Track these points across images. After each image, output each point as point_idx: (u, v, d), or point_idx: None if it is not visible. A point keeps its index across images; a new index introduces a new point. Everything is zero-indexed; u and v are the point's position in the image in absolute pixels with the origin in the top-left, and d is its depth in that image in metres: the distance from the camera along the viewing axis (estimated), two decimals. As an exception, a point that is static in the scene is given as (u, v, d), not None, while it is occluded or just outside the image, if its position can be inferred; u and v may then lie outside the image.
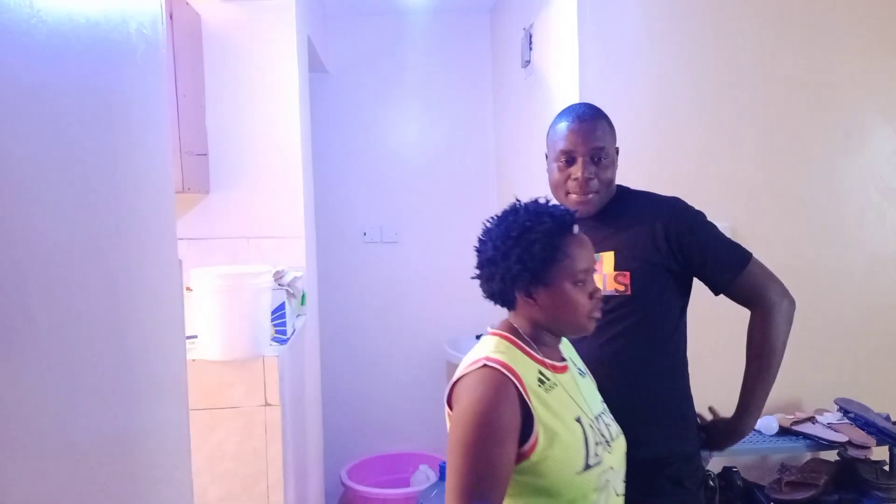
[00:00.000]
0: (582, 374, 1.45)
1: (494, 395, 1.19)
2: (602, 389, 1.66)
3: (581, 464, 1.25)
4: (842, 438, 2.32)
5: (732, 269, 1.63)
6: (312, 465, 2.95)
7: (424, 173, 4.05)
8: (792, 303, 1.65)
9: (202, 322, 2.09)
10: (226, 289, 2.05)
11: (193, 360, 2.09)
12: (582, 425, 1.30)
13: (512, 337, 1.32)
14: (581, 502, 1.25)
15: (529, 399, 1.22)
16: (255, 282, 2.10)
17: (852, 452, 2.30)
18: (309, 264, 2.91)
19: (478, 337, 3.88)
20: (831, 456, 2.44)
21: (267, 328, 2.19)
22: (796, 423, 2.41)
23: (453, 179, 4.07)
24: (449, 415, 1.26)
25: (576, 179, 1.63)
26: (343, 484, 3.58)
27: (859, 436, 2.33)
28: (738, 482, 2.35)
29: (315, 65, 3.55)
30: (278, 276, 2.31)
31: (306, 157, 2.96)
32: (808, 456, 2.48)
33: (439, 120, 4.09)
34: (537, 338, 1.34)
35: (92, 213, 0.80)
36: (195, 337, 2.13)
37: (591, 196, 1.64)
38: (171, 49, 2.29)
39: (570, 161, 1.64)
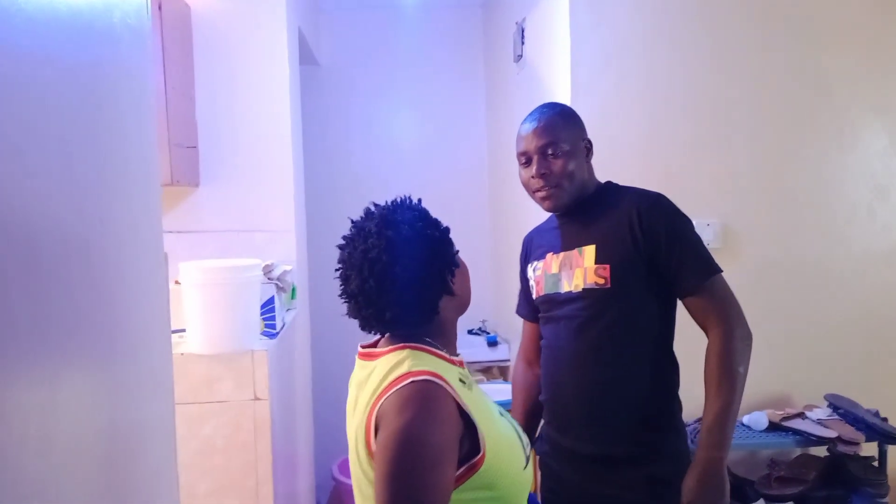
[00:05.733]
0: None
1: (430, 413, 1.06)
2: (582, 384, 1.66)
3: (522, 459, 1.20)
4: (831, 434, 2.33)
5: (700, 275, 1.61)
6: (303, 459, 2.95)
7: (417, 167, 4.04)
8: (749, 334, 1.61)
9: (191, 316, 2.08)
10: (214, 282, 2.03)
11: (182, 354, 2.08)
12: (505, 417, 1.24)
13: (419, 345, 1.18)
14: (524, 499, 1.20)
15: (467, 407, 1.11)
16: (244, 275, 2.09)
17: (841, 448, 2.31)
18: (299, 258, 2.90)
19: (470, 332, 3.90)
20: (821, 452, 2.45)
21: (256, 322, 2.18)
22: (786, 418, 2.42)
23: (446, 173, 4.06)
24: (368, 445, 1.10)
25: (534, 177, 1.67)
26: (334, 478, 3.57)
27: (848, 432, 2.33)
28: (728, 478, 2.36)
29: (307, 58, 3.53)
30: (267, 270, 2.30)
31: (297, 151, 2.95)
32: (797, 452, 2.49)
33: (432, 114, 4.08)
34: (441, 339, 1.22)
35: (75, 206, 0.79)
36: (184, 331, 2.12)
37: (552, 190, 1.67)
38: (159, 40, 2.26)
39: (528, 161, 1.69)
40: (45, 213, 0.71)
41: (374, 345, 1.27)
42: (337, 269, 1.21)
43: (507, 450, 1.16)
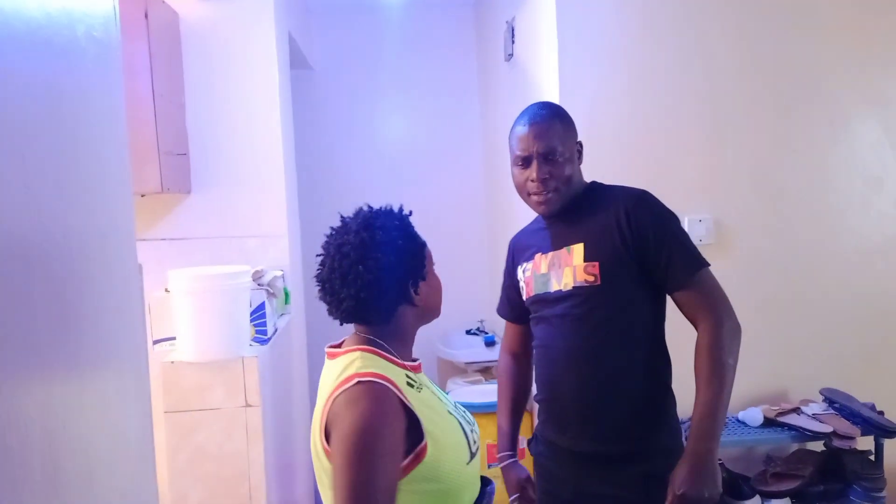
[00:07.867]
0: None
1: (377, 407, 1.16)
2: (577, 382, 1.66)
3: (467, 454, 1.27)
4: (827, 429, 2.32)
5: (688, 269, 1.61)
6: (300, 464, 2.94)
7: (412, 169, 4.03)
8: (738, 326, 1.60)
9: (180, 323, 2.08)
10: (202, 290, 2.03)
11: (172, 362, 2.08)
12: (455, 416, 1.31)
13: (370, 348, 1.28)
14: (470, 492, 1.28)
15: (411, 403, 1.20)
16: (233, 282, 2.09)
17: (837, 443, 2.30)
18: (293, 263, 2.90)
19: (468, 332, 3.89)
20: (817, 447, 2.44)
21: (246, 329, 2.18)
22: (781, 414, 2.41)
23: (441, 175, 4.05)
24: (326, 450, 1.20)
25: (533, 181, 1.66)
26: (333, 482, 3.56)
27: (844, 426, 2.33)
28: (724, 474, 2.34)
29: (298, 62, 3.53)
30: (257, 276, 2.30)
31: (289, 155, 2.95)
32: (793, 447, 2.48)
33: (426, 115, 4.08)
34: (396, 343, 1.31)
35: (32, 221, 0.78)
36: (174, 339, 2.12)
37: (550, 195, 1.67)
38: (146, 48, 2.27)
39: (527, 163, 1.68)
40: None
41: (340, 345, 1.36)
42: (318, 256, 1.32)
43: (452, 444, 1.25)
